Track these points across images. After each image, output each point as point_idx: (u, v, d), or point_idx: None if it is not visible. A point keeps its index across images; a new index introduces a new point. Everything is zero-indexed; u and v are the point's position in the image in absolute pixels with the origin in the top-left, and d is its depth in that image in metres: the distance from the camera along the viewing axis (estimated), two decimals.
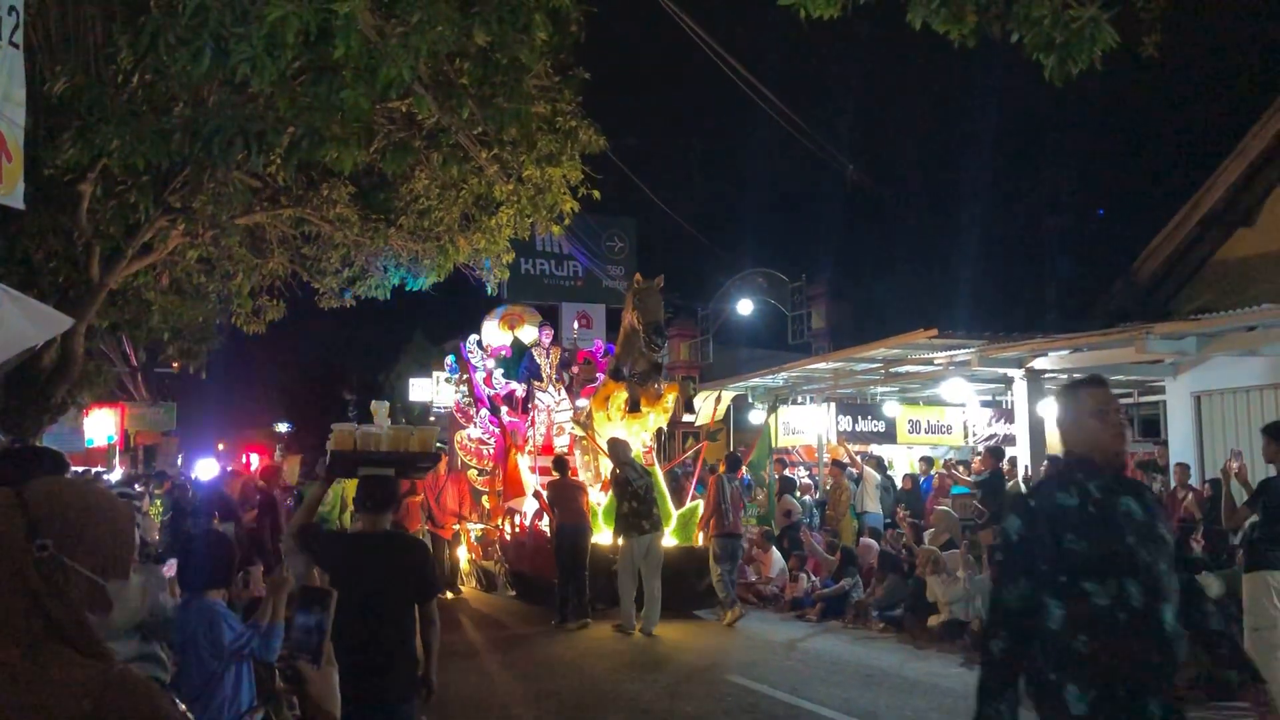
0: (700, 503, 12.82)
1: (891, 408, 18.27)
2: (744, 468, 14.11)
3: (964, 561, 10.92)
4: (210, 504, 10.94)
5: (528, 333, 16.75)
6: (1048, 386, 14.33)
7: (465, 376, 16.40)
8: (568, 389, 15.77)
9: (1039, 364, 14.07)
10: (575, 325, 19.01)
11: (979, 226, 30.38)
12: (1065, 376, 12.57)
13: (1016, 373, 14.37)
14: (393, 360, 44.71)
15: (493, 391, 16.11)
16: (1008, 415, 17.17)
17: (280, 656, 2.02)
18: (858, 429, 18.03)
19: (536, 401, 15.43)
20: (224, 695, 4.08)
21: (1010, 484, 13.40)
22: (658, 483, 12.62)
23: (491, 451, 15.89)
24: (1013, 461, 14.46)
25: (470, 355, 16.35)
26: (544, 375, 15.68)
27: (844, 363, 16.94)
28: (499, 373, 16.05)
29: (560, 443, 15.25)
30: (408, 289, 13.14)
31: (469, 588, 15.41)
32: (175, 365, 18.39)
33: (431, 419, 35.61)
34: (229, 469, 16.24)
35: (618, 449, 11.80)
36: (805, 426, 18.99)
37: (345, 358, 47.13)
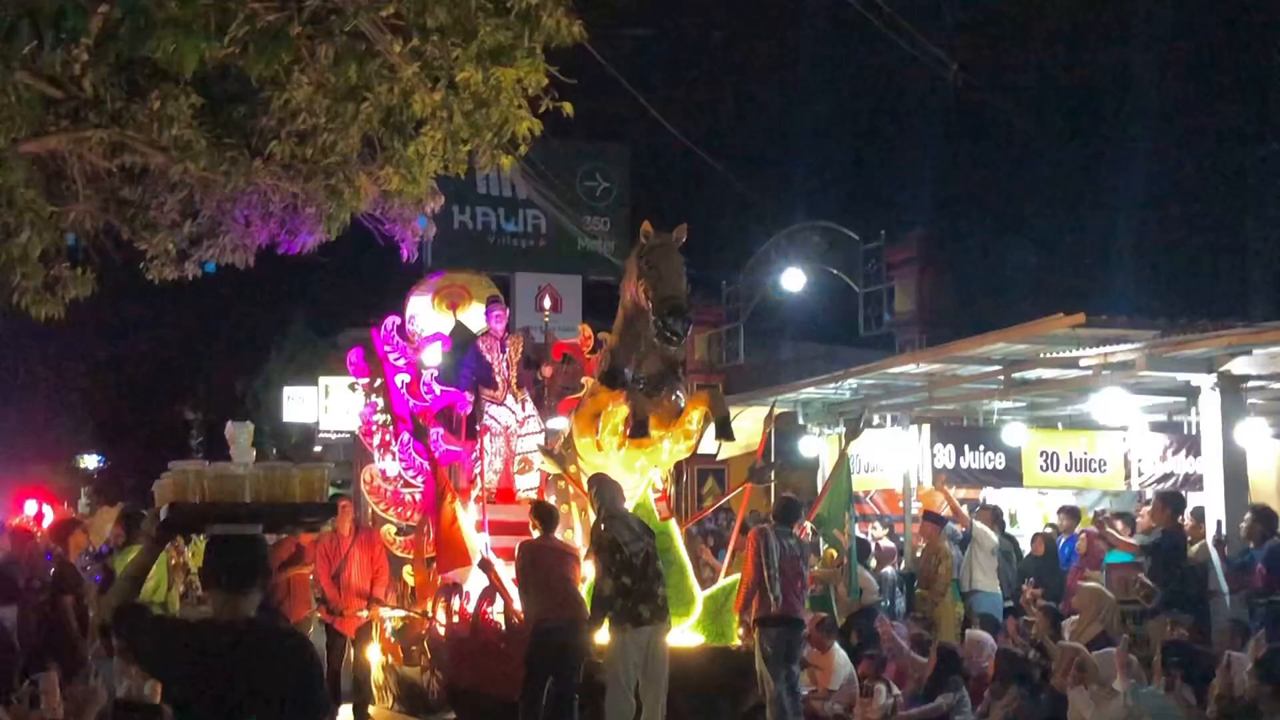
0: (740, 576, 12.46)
1: (1015, 433, 18.29)
2: (806, 522, 13.64)
3: (1124, 667, 10.91)
4: None
5: (477, 314, 15.92)
6: (1253, 401, 14.35)
7: (379, 382, 15.42)
8: (536, 401, 15.20)
9: (1239, 367, 14.09)
10: (544, 303, 17.63)
11: (1147, 165, 30.45)
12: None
13: (1205, 379, 14.38)
14: (260, 361, 44.67)
15: (422, 404, 15.17)
16: (1191, 444, 17.17)
17: None
18: (964, 465, 18.06)
19: (488, 420, 14.79)
20: None
21: (1195, 547, 13.40)
22: (674, 547, 12.42)
23: (418, 497, 14.87)
24: (1198, 514, 14.47)
25: (388, 348, 15.30)
26: (497, 380, 14.85)
27: (944, 364, 16.94)
28: (430, 375, 15.17)
29: (526, 483, 14.83)
30: (282, 252, 13.11)
31: (383, 708, 14.92)
32: None
33: (319, 449, 35.68)
34: (8, 526, 16.20)
35: (604, 492, 11.46)
36: (884, 461, 18.99)
37: (187, 357, 47.03)
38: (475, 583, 13.19)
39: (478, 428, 14.71)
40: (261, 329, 44.56)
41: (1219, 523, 13.84)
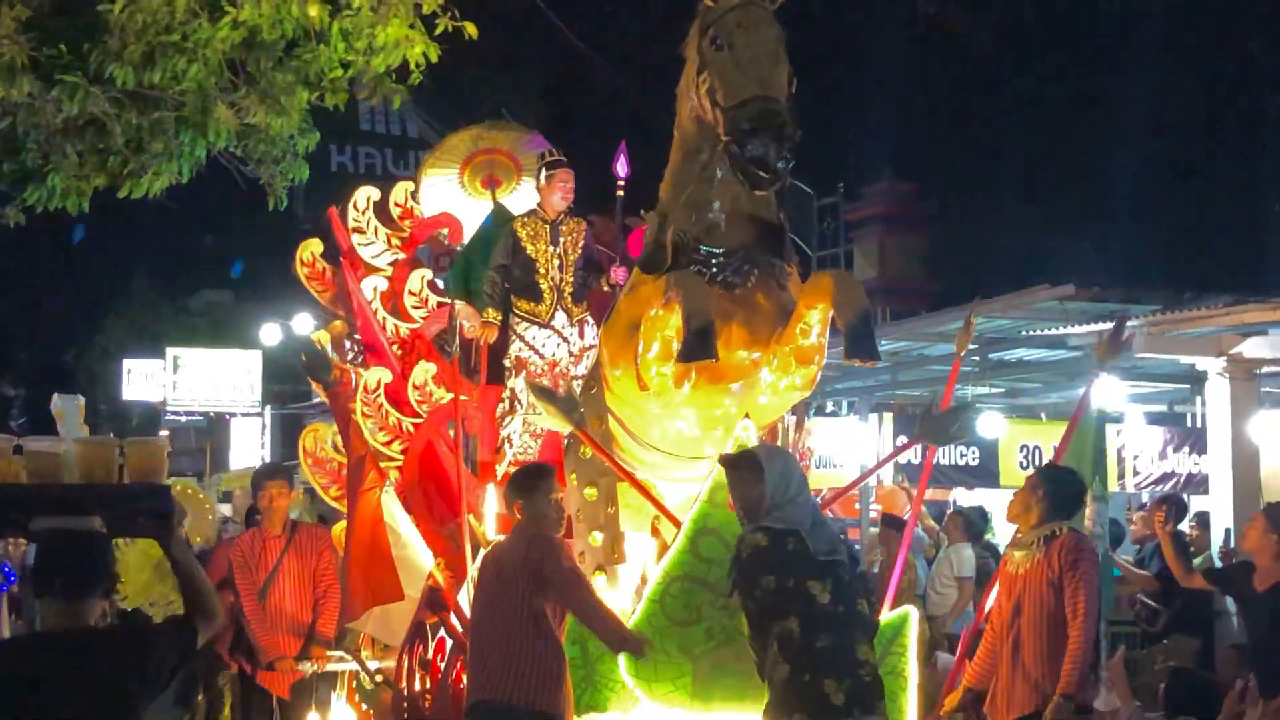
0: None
1: (992, 424, 18.43)
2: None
3: (1125, 693, 11.07)
4: None
5: (526, 196, 11.53)
6: (1268, 389, 14.54)
7: (336, 287, 11.56)
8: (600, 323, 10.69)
9: (1252, 349, 14.26)
10: (617, 168, 10.92)
11: (1147, 113, 30.75)
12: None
13: (1213, 363, 14.56)
14: (94, 326, 44.28)
15: (409, 325, 11.08)
16: (1195, 440, 17.37)
17: None
18: (934, 460, 18.18)
19: (524, 352, 10.74)
20: None
21: (1199, 558, 13.55)
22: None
23: (391, 477, 10.32)
24: (1202, 519, 14.63)
25: (359, 239, 11.25)
26: (542, 287, 10.72)
27: (908, 342, 17.06)
28: (422, 279, 11.12)
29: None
30: (123, 197, 13.01)
31: None
32: None
33: (165, 433, 35.32)
34: None
35: (768, 463, 7.06)
36: (838, 455, 19.11)
37: (6, 322, 46.55)
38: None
39: (507, 363, 10.80)
40: (98, 290, 44.18)
41: (1227, 531, 14.01)
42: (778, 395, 8.43)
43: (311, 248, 11.25)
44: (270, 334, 35.25)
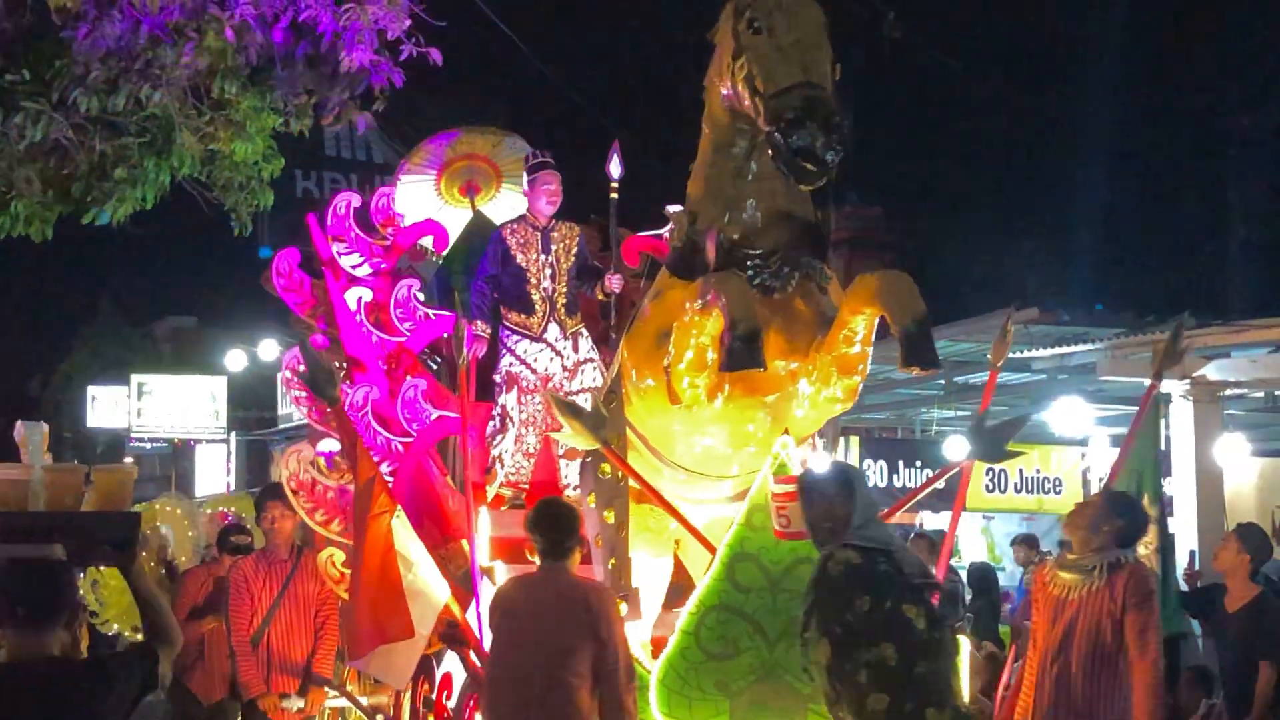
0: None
1: (958, 447, 18.45)
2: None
3: None
4: None
5: (507, 204, 11.21)
6: (1231, 412, 14.59)
7: (316, 298, 10.60)
8: (599, 335, 10.36)
9: (1215, 372, 14.32)
10: (610, 168, 9.93)
11: (1110, 137, 30.84)
12: (1263, 395, 12.53)
13: (1176, 386, 14.61)
14: (58, 354, 44.09)
15: (395, 337, 10.25)
16: (1161, 462, 17.41)
17: None
18: (899, 484, 18.20)
19: (515, 366, 10.00)
20: None
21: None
22: None
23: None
24: (1167, 541, 14.65)
25: (339, 247, 10.41)
26: (534, 298, 9.98)
27: (875, 365, 17.04)
28: (410, 289, 10.19)
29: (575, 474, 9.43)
30: (87, 224, 12.97)
31: None
32: None
33: (129, 460, 35.19)
34: None
35: (847, 485, 6.53)
36: None
37: None
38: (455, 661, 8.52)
39: (497, 379, 10.10)
40: (61, 316, 44.00)
41: (1192, 553, 14.04)
42: (815, 409, 7.77)
43: (287, 258, 10.43)
44: (235, 360, 35.17)
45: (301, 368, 8.87)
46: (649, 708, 6.87)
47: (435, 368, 10.17)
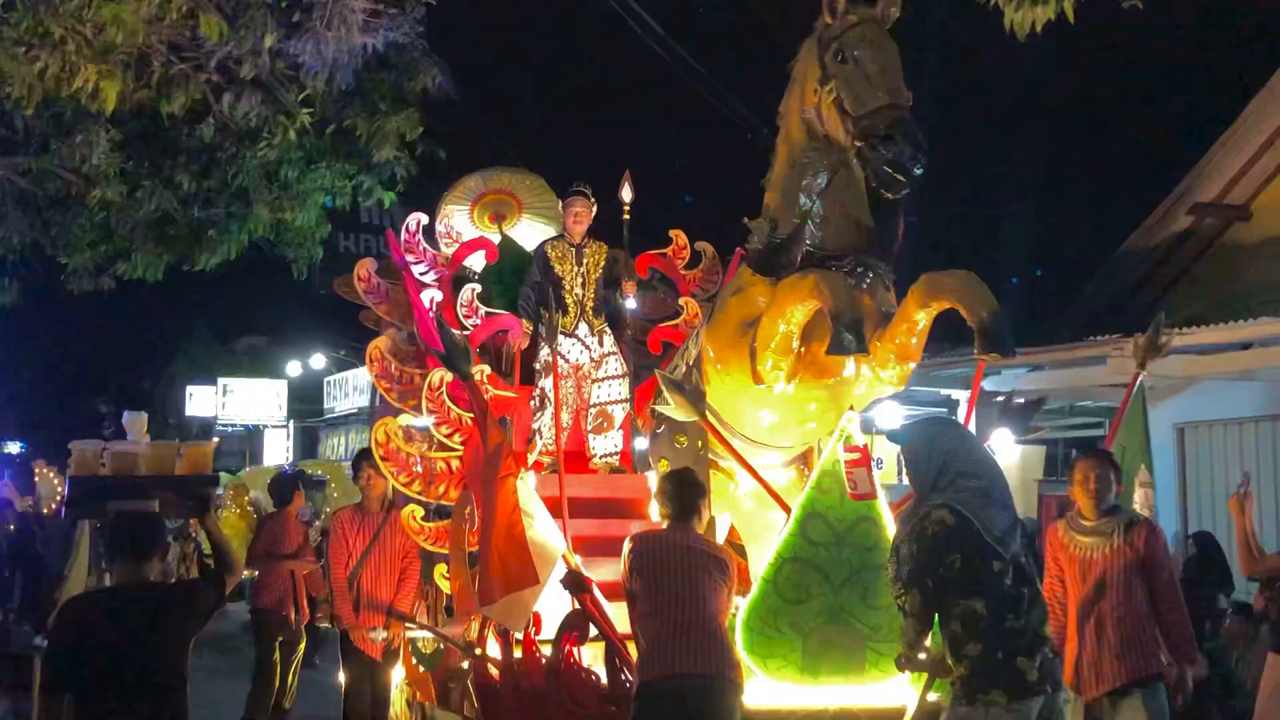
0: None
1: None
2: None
3: None
4: None
5: (527, 230, 10.27)
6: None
7: (391, 299, 9.52)
8: (619, 339, 9.38)
9: (988, 384, 14.41)
10: (623, 194, 9.16)
11: (910, 207, 30.85)
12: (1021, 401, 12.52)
13: (963, 394, 14.68)
14: (165, 362, 43.70)
15: (462, 333, 9.05)
16: None
17: None
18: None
19: (547, 354, 8.99)
20: None
21: None
22: (885, 539, 6.31)
23: (455, 465, 8.63)
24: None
25: (412, 258, 9.44)
26: (568, 301, 9.10)
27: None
28: (472, 292, 9.20)
29: (604, 446, 8.93)
30: (187, 269, 12.86)
31: None
32: None
33: (215, 440, 34.83)
34: None
35: (944, 437, 5.69)
36: None
37: (102, 357, 45.76)
38: (551, 601, 7.11)
39: (536, 366, 9.18)
40: (168, 334, 43.66)
41: None
42: (870, 390, 6.95)
43: (366, 266, 9.37)
44: (293, 368, 34.97)
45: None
46: (735, 646, 6.15)
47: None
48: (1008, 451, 8.09)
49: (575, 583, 6.54)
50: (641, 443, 8.92)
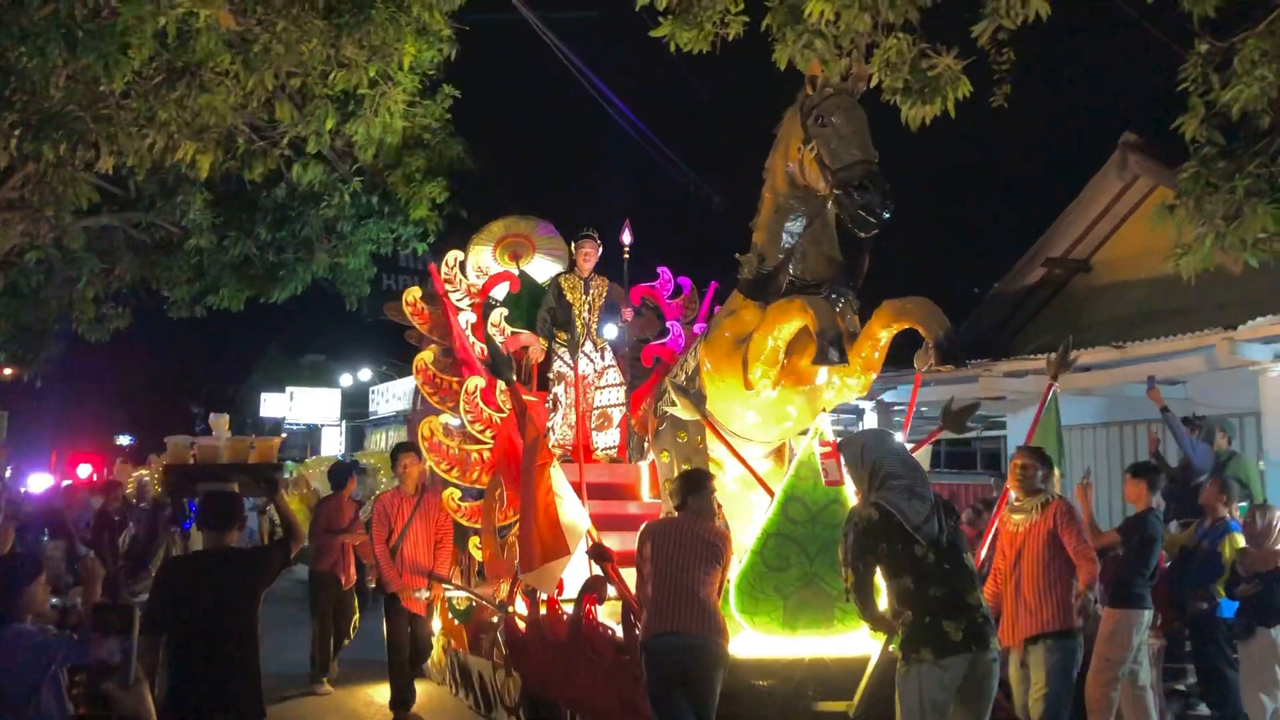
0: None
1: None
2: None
3: None
4: (41, 520, 10.39)
5: (540, 266, 10.01)
6: (897, 419, 14.75)
7: (433, 321, 9.31)
8: (618, 355, 9.33)
9: (889, 396, 14.49)
10: (624, 238, 9.03)
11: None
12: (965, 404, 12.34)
13: (868, 404, 14.76)
14: (245, 373, 43.52)
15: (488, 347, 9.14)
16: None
17: (78, 683, 1.97)
18: None
19: (563, 368, 8.99)
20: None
21: None
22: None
23: (486, 456, 8.46)
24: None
25: (449, 286, 9.33)
26: (577, 324, 9.06)
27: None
28: (497, 315, 9.10)
29: (604, 441, 8.97)
30: (262, 302, 12.81)
31: (439, 689, 9.34)
32: (10, 372, 17.46)
33: (284, 435, 34.63)
34: (68, 483, 15.33)
35: (876, 445, 5.27)
36: None
37: (195, 369, 45.57)
38: (574, 569, 6.91)
39: (550, 376, 9.18)
40: (247, 352, 43.62)
41: None
42: (839, 395, 6.76)
43: (414, 293, 9.28)
44: (345, 380, 34.85)
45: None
46: (729, 606, 6.01)
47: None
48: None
49: (599, 554, 6.40)
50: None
